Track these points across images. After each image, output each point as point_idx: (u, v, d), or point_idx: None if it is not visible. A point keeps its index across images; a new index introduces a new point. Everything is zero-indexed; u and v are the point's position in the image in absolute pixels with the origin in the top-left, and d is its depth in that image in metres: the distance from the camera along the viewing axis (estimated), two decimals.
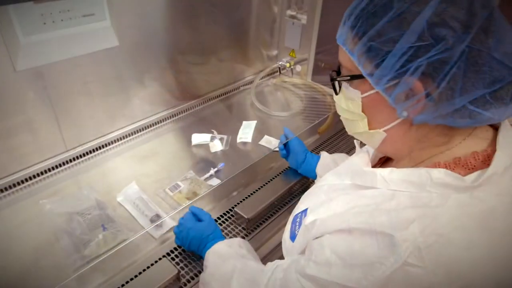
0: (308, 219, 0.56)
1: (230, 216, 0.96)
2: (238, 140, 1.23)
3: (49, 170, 1.05)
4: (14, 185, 1.00)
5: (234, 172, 1.05)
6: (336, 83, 0.56)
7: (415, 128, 0.51)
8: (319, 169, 0.99)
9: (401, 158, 0.56)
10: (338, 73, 0.56)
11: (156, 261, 0.83)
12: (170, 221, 0.94)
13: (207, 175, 1.08)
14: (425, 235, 0.43)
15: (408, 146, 0.53)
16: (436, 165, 0.49)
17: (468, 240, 0.43)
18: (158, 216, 0.93)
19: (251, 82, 1.56)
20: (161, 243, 0.89)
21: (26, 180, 1.01)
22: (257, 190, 1.03)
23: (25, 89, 0.93)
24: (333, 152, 1.05)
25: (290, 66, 1.58)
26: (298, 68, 1.60)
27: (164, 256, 0.85)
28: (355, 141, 0.80)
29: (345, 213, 0.50)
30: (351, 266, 0.46)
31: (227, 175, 1.08)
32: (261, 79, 1.57)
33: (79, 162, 1.09)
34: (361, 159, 0.60)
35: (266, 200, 0.98)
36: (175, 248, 0.87)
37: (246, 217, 0.91)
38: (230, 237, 0.90)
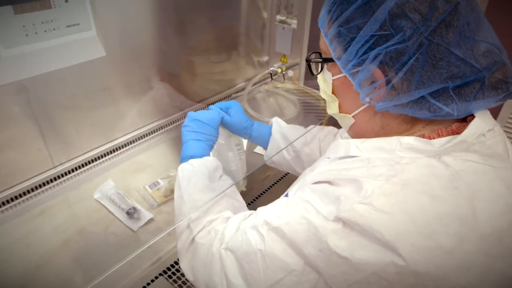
0: (293, 190, 0.60)
1: None
2: None
3: (36, 188, 1.00)
4: None
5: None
6: (313, 64, 0.59)
7: (379, 116, 0.53)
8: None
9: None
10: (320, 55, 0.58)
11: (152, 280, 0.79)
12: (147, 214, 0.93)
13: None
14: (391, 183, 0.44)
15: (374, 132, 0.55)
16: None
17: (433, 195, 0.43)
18: (134, 209, 0.93)
19: (242, 89, 1.53)
20: (157, 260, 0.85)
21: (12, 199, 0.96)
22: (254, 200, 1.00)
23: (7, 104, 0.89)
24: None
25: (282, 71, 1.55)
26: (290, 73, 1.58)
27: (160, 274, 0.81)
28: (338, 136, 0.82)
29: (324, 171, 0.54)
30: (325, 203, 0.48)
31: None
32: (253, 85, 1.55)
33: (67, 179, 1.04)
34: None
35: None
36: (172, 265, 0.83)
37: None
38: None
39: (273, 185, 1.07)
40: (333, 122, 0.65)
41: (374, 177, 0.46)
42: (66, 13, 0.88)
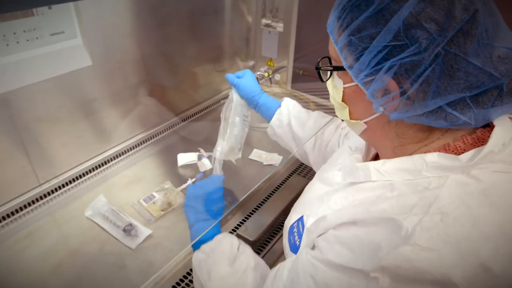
0: (309, 222, 0.55)
1: None
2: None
3: (21, 209, 0.92)
4: None
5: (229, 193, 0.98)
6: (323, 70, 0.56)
7: (394, 124, 0.51)
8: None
9: (384, 151, 0.56)
10: (329, 61, 0.55)
11: None
12: (145, 230, 0.88)
13: (184, 185, 1.03)
14: (430, 214, 0.41)
15: (388, 140, 0.52)
16: (427, 153, 0.48)
17: (474, 217, 0.41)
18: (131, 225, 0.88)
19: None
20: (161, 279, 0.80)
21: None
22: (250, 215, 0.96)
23: None
24: None
25: (268, 75, 1.53)
26: (277, 77, 1.56)
27: None
28: (347, 146, 0.75)
29: (346, 208, 0.50)
30: (360, 253, 0.44)
31: None
32: None
33: (55, 197, 0.97)
34: (354, 158, 0.60)
35: (268, 220, 0.92)
36: (177, 283, 0.79)
37: (251, 239, 0.85)
38: None
39: (268, 197, 1.03)
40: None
41: (409, 211, 0.43)
42: (49, 20, 0.83)
